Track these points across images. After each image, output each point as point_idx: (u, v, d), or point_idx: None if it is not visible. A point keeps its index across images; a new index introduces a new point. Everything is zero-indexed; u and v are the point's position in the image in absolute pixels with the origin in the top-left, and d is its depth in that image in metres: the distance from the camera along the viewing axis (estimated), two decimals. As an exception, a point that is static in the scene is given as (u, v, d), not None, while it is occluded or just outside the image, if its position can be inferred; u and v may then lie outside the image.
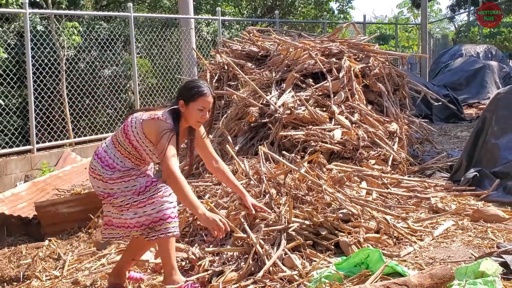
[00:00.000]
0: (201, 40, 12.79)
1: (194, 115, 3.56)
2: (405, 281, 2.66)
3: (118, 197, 3.49)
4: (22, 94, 9.43)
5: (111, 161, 3.54)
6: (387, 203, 4.59)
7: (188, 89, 3.59)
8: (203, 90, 3.55)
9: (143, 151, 3.55)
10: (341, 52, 6.59)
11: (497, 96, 5.89)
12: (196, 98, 3.54)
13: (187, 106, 3.55)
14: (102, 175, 3.52)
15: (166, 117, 3.50)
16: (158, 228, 3.43)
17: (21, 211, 5.57)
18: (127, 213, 3.49)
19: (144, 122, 3.51)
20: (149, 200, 3.44)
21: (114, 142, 3.61)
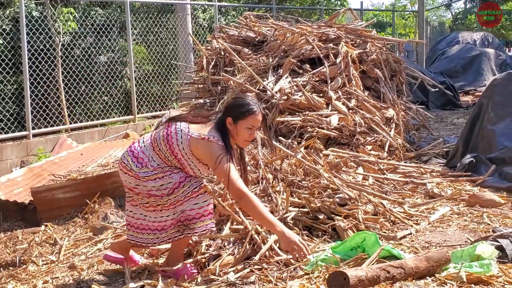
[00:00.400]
0: (198, 26, 12.72)
1: (242, 133, 3.37)
2: (401, 264, 2.67)
3: (151, 195, 3.37)
4: (18, 80, 9.39)
5: (147, 161, 3.38)
6: (384, 188, 4.60)
7: (237, 106, 3.39)
8: (253, 108, 3.36)
9: (187, 165, 3.40)
10: (338, 37, 6.57)
11: (493, 82, 5.89)
12: (246, 117, 3.35)
13: (235, 124, 3.36)
14: (137, 173, 3.37)
15: (217, 138, 3.32)
16: (192, 226, 3.37)
17: (17, 197, 5.55)
18: (166, 212, 3.39)
19: (193, 141, 3.33)
20: (185, 199, 3.36)
21: (154, 146, 3.43)
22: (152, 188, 3.35)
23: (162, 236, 3.46)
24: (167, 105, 11.34)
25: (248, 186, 3.71)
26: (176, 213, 3.38)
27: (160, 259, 3.86)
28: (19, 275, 4.06)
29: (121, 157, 3.50)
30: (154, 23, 11.49)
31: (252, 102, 3.40)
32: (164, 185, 3.34)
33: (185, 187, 3.36)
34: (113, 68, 10.59)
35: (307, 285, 2.78)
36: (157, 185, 3.34)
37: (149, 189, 3.36)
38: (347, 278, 2.45)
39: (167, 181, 3.35)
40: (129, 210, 3.56)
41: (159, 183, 3.34)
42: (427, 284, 2.69)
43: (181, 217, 3.37)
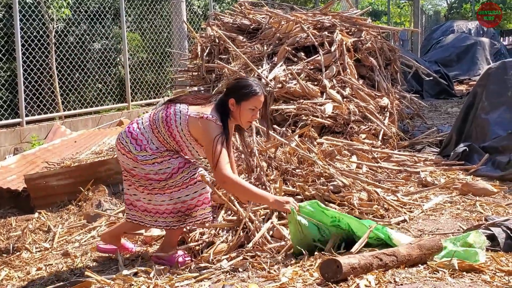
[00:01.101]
0: (192, 14, 12.66)
1: (246, 114, 3.39)
2: (394, 252, 2.68)
3: (149, 179, 3.36)
4: (11, 67, 9.33)
5: (146, 144, 3.37)
6: (377, 177, 4.61)
7: (241, 87, 3.39)
8: (256, 90, 3.37)
9: (185, 146, 3.41)
10: (333, 25, 6.55)
11: (488, 71, 5.90)
12: (249, 98, 3.36)
13: (238, 105, 3.37)
14: (136, 156, 3.35)
15: (216, 118, 3.32)
16: (194, 214, 3.39)
17: (11, 184, 5.54)
18: (161, 197, 3.39)
19: (191, 120, 3.33)
20: (183, 185, 3.36)
21: (153, 128, 3.41)
22: (150, 172, 3.35)
23: (161, 221, 3.46)
24: (161, 93, 11.31)
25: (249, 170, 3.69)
26: (172, 199, 3.38)
27: (154, 246, 3.87)
28: (12, 262, 4.07)
29: (119, 137, 3.47)
30: (149, 10, 11.42)
31: (255, 83, 3.42)
32: (162, 169, 3.34)
33: (183, 173, 3.36)
34: (107, 55, 10.54)
35: (300, 272, 2.79)
36: (155, 169, 3.34)
37: (147, 172, 3.36)
38: (340, 265, 2.46)
39: (166, 166, 3.35)
40: (126, 188, 3.57)
41: (157, 167, 3.34)
42: (419, 271, 2.70)
43: (182, 207, 3.38)
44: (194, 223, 3.42)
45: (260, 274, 2.90)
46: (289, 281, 2.68)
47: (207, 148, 3.30)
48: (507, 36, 22.80)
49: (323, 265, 2.55)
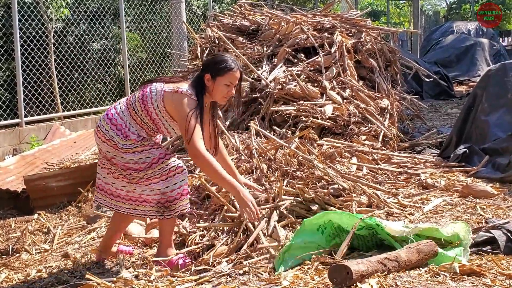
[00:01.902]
0: (192, 14, 12.65)
1: (221, 90, 3.43)
2: (396, 257, 2.70)
3: (128, 168, 3.37)
4: (10, 67, 9.31)
5: (126, 129, 3.39)
6: (378, 178, 4.60)
7: (216, 63, 3.44)
8: (231, 65, 3.42)
9: (161, 124, 3.43)
10: (333, 27, 6.54)
11: (488, 73, 5.89)
12: (224, 73, 3.41)
13: (213, 81, 3.41)
14: (116, 143, 3.37)
15: (190, 92, 3.35)
16: (173, 207, 3.39)
17: (10, 185, 5.53)
18: (141, 187, 3.41)
19: (166, 95, 3.36)
20: (162, 177, 3.36)
21: (130, 110, 3.45)
22: (130, 161, 3.36)
23: (139, 209, 3.48)
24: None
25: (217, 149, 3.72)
26: (152, 191, 3.38)
27: (154, 248, 3.86)
28: (12, 264, 4.06)
29: (98, 124, 3.48)
30: (148, 10, 11.41)
31: (230, 59, 3.47)
32: (142, 159, 3.36)
33: (163, 164, 3.37)
34: (106, 55, 10.52)
35: (301, 276, 2.78)
36: (135, 158, 3.36)
37: (126, 161, 3.37)
38: (350, 272, 2.47)
39: (145, 156, 3.37)
40: (100, 174, 3.57)
41: (137, 156, 3.36)
42: (421, 275, 2.70)
43: (161, 199, 3.38)
44: (172, 215, 3.43)
45: (261, 277, 2.89)
46: (291, 285, 2.67)
47: (180, 122, 3.33)
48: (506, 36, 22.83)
49: (332, 270, 2.54)
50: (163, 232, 3.55)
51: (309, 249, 3.13)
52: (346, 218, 3.12)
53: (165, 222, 3.48)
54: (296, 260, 3.09)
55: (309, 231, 3.19)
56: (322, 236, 3.19)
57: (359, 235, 3.14)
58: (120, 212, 3.59)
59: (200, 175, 4.27)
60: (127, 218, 3.75)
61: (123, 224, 3.82)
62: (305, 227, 3.21)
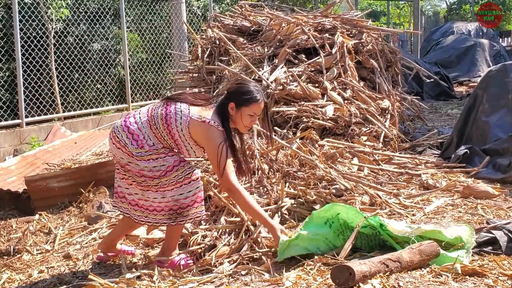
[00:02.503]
0: (192, 14, 12.65)
1: (245, 120, 3.39)
2: (398, 257, 2.71)
3: (143, 175, 3.34)
4: (10, 68, 9.31)
5: (144, 141, 3.34)
6: (379, 179, 4.61)
7: (241, 93, 3.38)
8: (256, 97, 3.37)
9: (183, 146, 3.39)
10: (334, 27, 6.55)
11: (489, 73, 5.90)
12: (249, 104, 3.36)
13: (238, 110, 3.36)
14: (131, 151, 3.33)
15: (217, 123, 3.31)
16: (186, 213, 3.39)
17: (11, 185, 5.53)
18: (154, 194, 3.38)
19: (192, 123, 3.31)
20: (176, 184, 3.35)
21: (151, 124, 3.38)
22: (144, 168, 3.34)
23: (151, 217, 3.45)
24: (161, 94, 11.30)
25: (249, 173, 3.71)
26: (165, 198, 3.37)
27: (156, 249, 3.86)
28: (14, 265, 4.06)
29: (115, 130, 3.43)
30: (148, 11, 11.41)
31: (256, 90, 3.42)
32: (157, 167, 3.33)
33: (178, 172, 3.35)
34: (106, 56, 10.52)
35: (304, 276, 2.79)
36: (150, 166, 3.33)
37: (141, 168, 3.34)
38: (353, 273, 2.48)
39: (160, 164, 3.33)
40: (116, 179, 3.55)
41: (152, 164, 3.33)
42: (423, 275, 2.71)
43: (174, 206, 3.37)
44: (186, 221, 3.43)
45: (263, 278, 2.89)
46: (293, 285, 2.68)
47: (211, 155, 3.30)
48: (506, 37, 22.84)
49: (335, 271, 2.55)
50: (169, 236, 3.54)
51: (315, 241, 3.16)
52: (352, 214, 3.14)
53: (174, 227, 3.48)
54: (300, 248, 3.11)
55: (317, 223, 3.21)
56: (329, 229, 3.20)
57: (363, 233, 3.15)
58: (132, 219, 3.56)
59: (202, 176, 4.27)
60: (135, 224, 3.72)
61: (130, 229, 3.82)
62: (313, 219, 3.22)
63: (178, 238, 3.57)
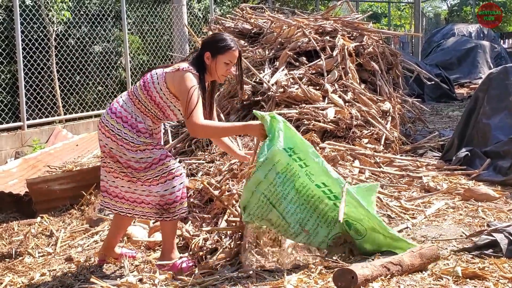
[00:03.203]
0: (193, 17, 12.67)
1: (220, 68, 3.47)
2: (399, 261, 2.71)
3: (129, 166, 3.40)
4: (12, 70, 9.33)
5: (132, 119, 3.41)
6: (380, 182, 4.61)
7: (216, 42, 3.49)
8: (230, 44, 3.47)
9: (167, 107, 3.45)
10: (335, 30, 6.56)
11: (489, 76, 5.90)
12: (224, 51, 3.45)
13: (213, 59, 3.46)
14: (122, 137, 3.38)
15: (191, 68, 3.39)
16: (172, 210, 3.43)
17: (12, 188, 5.55)
18: (141, 187, 3.45)
19: (167, 75, 3.40)
20: (161, 179, 3.40)
21: (133, 100, 3.47)
22: (131, 159, 3.39)
23: (138, 210, 3.52)
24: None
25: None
26: (151, 193, 3.42)
27: (157, 251, 3.87)
28: (15, 267, 4.07)
29: (102, 120, 3.49)
30: (149, 13, 11.43)
31: (230, 39, 3.52)
32: (143, 158, 3.39)
33: (163, 166, 3.41)
34: (108, 58, 10.54)
35: (305, 280, 2.79)
36: (137, 157, 3.38)
37: (128, 158, 3.39)
38: (355, 276, 2.48)
39: (147, 155, 3.40)
40: (103, 175, 3.59)
41: (139, 155, 3.38)
42: (423, 278, 2.71)
43: (160, 201, 3.41)
44: (172, 218, 3.46)
45: (265, 281, 2.90)
46: (295, 289, 2.68)
47: (182, 97, 3.35)
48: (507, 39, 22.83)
49: (337, 275, 2.56)
50: (165, 236, 3.57)
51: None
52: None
53: (166, 225, 3.51)
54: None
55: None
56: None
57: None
58: (120, 213, 3.62)
59: (203, 179, 4.28)
60: (126, 220, 3.76)
61: (123, 225, 3.83)
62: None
63: (173, 237, 3.57)
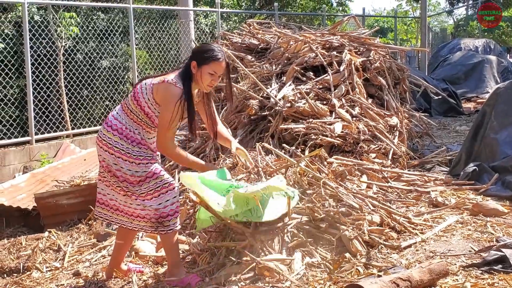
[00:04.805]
0: (200, 32, 12.75)
1: (205, 78, 3.54)
2: (408, 277, 2.70)
3: (124, 180, 3.48)
4: (20, 85, 9.40)
5: (127, 130, 3.52)
6: (388, 197, 4.60)
7: (202, 52, 3.57)
8: (217, 55, 3.54)
9: (156, 117, 3.54)
10: (342, 45, 6.58)
11: (496, 91, 5.89)
12: (209, 62, 3.52)
13: (199, 68, 3.53)
14: (119, 149, 3.48)
15: (176, 81, 3.47)
16: (166, 223, 3.48)
17: (20, 203, 5.56)
18: (136, 201, 3.51)
19: (154, 87, 3.50)
20: (155, 193, 3.47)
21: (125, 110, 3.58)
22: (127, 172, 3.46)
23: (135, 223, 3.59)
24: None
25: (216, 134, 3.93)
26: (145, 207, 3.48)
27: (165, 266, 3.87)
28: (23, 282, 4.08)
29: (99, 134, 3.61)
30: (157, 28, 11.50)
31: (217, 50, 3.57)
32: (138, 172, 3.47)
33: (157, 179, 3.48)
34: (115, 73, 10.60)
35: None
36: (133, 170, 3.46)
37: (124, 171, 3.47)
38: None
39: (142, 169, 3.48)
40: (100, 188, 3.69)
41: (135, 168, 3.47)
42: (433, 294, 2.70)
43: (154, 215, 3.47)
44: (166, 231, 3.51)
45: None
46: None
47: (162, 112, 3.46)
48: (514, 53, 22.85)
49: None
50: (167, 250, 3.62)
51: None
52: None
53: (165, 240, 3.56)
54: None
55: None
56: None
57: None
58: (119, 225, 3.71)
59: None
60: (129, 232, 3.81)
61: (128, 238, 3.87)
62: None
63: (175, 251, 3.60)
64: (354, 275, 3.14)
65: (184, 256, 3.87)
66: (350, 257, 3.44)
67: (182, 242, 4.00)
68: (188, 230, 4.26)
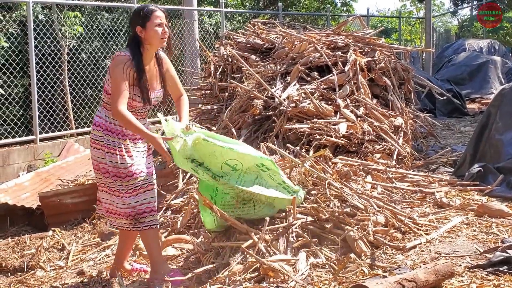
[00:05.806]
0: (203, 31, 12.74)
1: (155, 33, 3.61)
2: (414, 278, 2.69)
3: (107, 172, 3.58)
4: (25, 84, 9.41)
5: (108, 123, 3.64)
6: (392, 197, 4.59)
7: (138, 14, 3.65)
8: (151, 8, 3.64)
9: None
10: (347, 45, 6.56)
11: (501, 91, 5.87)
12: (149, 16, 3.59)
13: (144, 28, 3.60)
14: (100, 141, 3.62)
15: (121, 51, 3.59)
16: (142, 220, 3.59)
17: (25, 201, 5.57)
18: (116, 199, 3.62)
19: (110, 68, 3.61)
20: (133, 192, 3.58)
21: (103, 104, 3.72)
22: (110, 164, 3.56)
23: (118, 222, 3.71)
24: (174, 110, 11.35)
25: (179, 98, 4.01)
26: (124, 204, 3.58)
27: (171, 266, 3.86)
28: (27, 281, 4.08)
29: (90, 135, 3.74)
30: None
31: (148, 4, 3.68)
32: (118, 163, 3.55)
33: (136, 180, 3.58)
34: (120, 72, 10.59)
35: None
36: (114, 162, 3.55)
37: (108, 164, 3.56)
38: None
39: (120, 161, 3.57)
40: (100, 196, 3.80)
41: (115, 159, 3.55)
42: (438, 296, 2.69)
43: (132, 212, 3.57)
44: (142, 228, 3.60)
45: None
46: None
47: (112, 79, 3.54)
48: (518, 54, 22.75)
49: None
50: (147, 248, 3.72)
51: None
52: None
53: (143, 237, 3.68)
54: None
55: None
56: None
57: None
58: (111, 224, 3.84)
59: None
60: (129, 234, 3.87)
61: (129, 238, 3.93)
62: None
63: (155, 248, 3.68)
64: (359, 275, 3.13)
65: (189, 255, 3.87)
66: (355, 258, 3.44)
67: (186, 241, 3.99)
68: (193, 229, 4.25)
